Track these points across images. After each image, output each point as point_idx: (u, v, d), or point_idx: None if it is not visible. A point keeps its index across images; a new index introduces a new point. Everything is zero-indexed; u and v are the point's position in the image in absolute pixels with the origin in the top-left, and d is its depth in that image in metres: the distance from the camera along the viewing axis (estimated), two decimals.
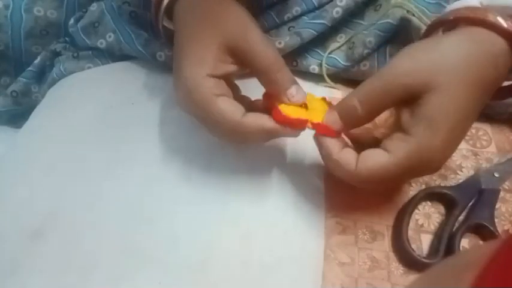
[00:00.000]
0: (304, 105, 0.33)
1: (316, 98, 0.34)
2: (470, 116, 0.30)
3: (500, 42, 0.29)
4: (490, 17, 0.29)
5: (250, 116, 0.31)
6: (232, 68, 0.33)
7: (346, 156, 0.30)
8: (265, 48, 0.32)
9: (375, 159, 0.29)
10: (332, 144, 0.31)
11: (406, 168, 0.29)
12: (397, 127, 0.30)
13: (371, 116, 0.31)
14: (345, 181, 0.31)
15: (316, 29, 0.42)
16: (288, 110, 0.31)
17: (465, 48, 0.30)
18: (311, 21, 0.43)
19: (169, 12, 0.36)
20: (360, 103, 0.30)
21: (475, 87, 0.29)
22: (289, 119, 0.31)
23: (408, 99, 0.29)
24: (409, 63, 0.30)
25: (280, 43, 0.42)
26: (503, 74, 0.31)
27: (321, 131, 0.32)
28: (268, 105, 0.33)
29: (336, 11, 0.42)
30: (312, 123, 0.32)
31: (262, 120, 0.31)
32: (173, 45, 0.35)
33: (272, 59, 0.32)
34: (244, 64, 0.33)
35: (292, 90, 0.32)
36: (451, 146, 0.30)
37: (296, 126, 0.32)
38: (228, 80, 0.33)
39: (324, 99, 0.34)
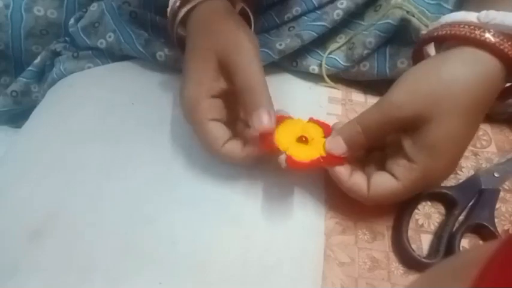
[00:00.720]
0: (305, 139, 0.33)
1: (304, 122, 0.35)
2: (469, 136, 0.31)
3: (492, 62, 0.30)
4: (478, 35, 0.30)
5: (228, 146, 0.34)
6: (226, 85, 0.34)
7: (357, 183, 0.32)
8: (247, 67, 0.32)
9: (385, 186, 0.31)
10: (341, 173, 0.32)
11: (412, 191, 0.32)
12: (400, 152, 0.31)
13: (374, 141, 0.33)
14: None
15: (316, 30, 0.42)
16: (296, 152, 0.32)
17: (460, 76, 0.30)
18: (312, 23, 0.43)
19: (185, 22, 0.37)
20: (362, 130, 0.31)
21: (472, 111, 0.30)
22: (305, 164, 0.32)
23: (408, 128, 0.31)
24: (404, 96, 0.30)
25: (280, 44, 0.42)
26: (498, 90, 0.31)
27: (331, 163, 0.32)
28: (266, 146, 0.33)
29: (336, 13, 0.42)
30: (323, 158, 0.32)
31: (235, 152, 0.34)
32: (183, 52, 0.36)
33: (250, 78, 0.32)
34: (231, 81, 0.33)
35: (259, 112, 0.31)
36: (452, 165, 0.32)
37: (310, 167, 0.32)
38: (228, 94, 0.35)
39: (312, 121, 0.35)
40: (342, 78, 0.44)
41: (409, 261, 0.32)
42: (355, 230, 0.34)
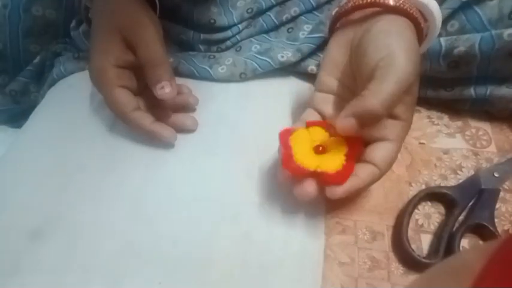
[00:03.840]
0: (323, 149, 0.31)
1: (308, 130, 0.33)
2: None
3: (406, 22, 0.30)
4: (379, 0, 0.30)
5: (138, 113, 0.36)
6: (133, 58, 0.37)
7: (368, 174, 0.31)
8: (149, 44, 0.36)
9: (389, 154, 0.31)
10: (356, 183, 0.30)
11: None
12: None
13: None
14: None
15: (315, 42, 0.43)
16: (325, 166, 0.30)
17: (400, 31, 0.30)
18: (310, 35, 0.43)
19: None
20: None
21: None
22: (344, 175, 0.30)
23: None
24: (409, 61, 0.29)
25: (282, 57, 0.42)
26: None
27: (332, 182, 0.30)
28: (291, 169, 0.31)
29: None
30: (324, 174, 0.30)
31: (143, 122, 0.36)
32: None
33: (153, 54, 0.36)
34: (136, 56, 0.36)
35: (162, 84, 0.35)
36: None
37: (301, 176, 0.30)
38: (137, 69, 0.37)
39: (312, 124, 0.33)
40: None
41: (409, 261, 0.32)
42: (355, 230, 0.34)
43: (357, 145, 0.31)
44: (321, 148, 0.32)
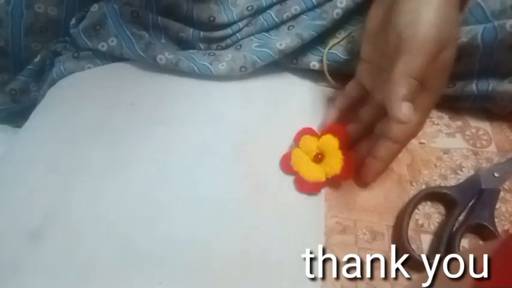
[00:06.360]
0: (321, 156, 0.36)
1: (320, 137, 0.37)
2: None
3: None
4: None
5: None
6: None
7: (373, 171, 0.35)
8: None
9: (392, 153, 0.35)
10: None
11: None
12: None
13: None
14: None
15: (316, 30, 0.42)
16: (306, 173, 0.35)
17: None
18: (311, 22, 0.43)
19: None
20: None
21: None
22: (311, 187, 0.35)
23: None
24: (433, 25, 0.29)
25: (281, 44, 0.42)
26: None
27: (338, 181, 0.35)
28: (284, 167, 0.37)
29: (336, 13, 0.42)
30: (331, 179, 0.35)
31: None
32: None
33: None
34: None
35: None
36: None
37: (317, 190, 0.35)
38: None
39: (328, 130, 0.37)
40: (342, 73, 0.44)
41: (409, 261, 0.32)
42: (355, 230, 0.34)
43: (343, 133, 0.35)
44: (319, 156, 0.36)
